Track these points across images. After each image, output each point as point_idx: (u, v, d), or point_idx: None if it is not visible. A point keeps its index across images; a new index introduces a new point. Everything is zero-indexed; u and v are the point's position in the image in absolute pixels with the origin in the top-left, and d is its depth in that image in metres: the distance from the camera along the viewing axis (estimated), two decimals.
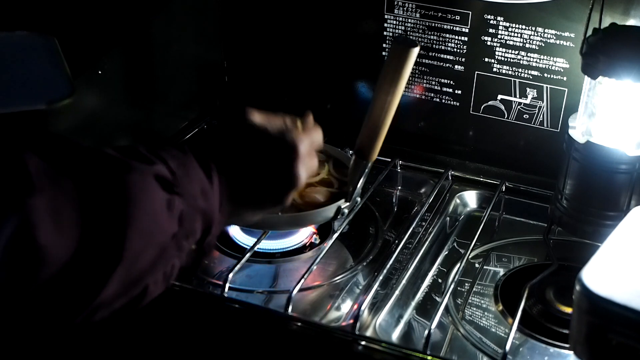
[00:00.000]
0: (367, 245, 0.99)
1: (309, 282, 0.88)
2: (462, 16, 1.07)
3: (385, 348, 0.80)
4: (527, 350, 0.84)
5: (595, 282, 0.65)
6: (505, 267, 0.97)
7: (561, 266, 0.91)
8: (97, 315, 0.56)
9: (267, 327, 0.84)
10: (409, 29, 1.11)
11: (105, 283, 0.54)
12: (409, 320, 0.88)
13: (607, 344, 0.64)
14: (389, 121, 0.86)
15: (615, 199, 0.87)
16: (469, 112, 1.12)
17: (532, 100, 1.08)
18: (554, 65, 1.04)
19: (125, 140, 1.07)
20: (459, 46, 1.09)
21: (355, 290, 0.91)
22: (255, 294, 0.89)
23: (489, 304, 0.91)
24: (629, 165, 0.85)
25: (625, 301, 0.63)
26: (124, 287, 0.56)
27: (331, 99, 1.22)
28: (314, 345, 0.83)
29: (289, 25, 1.19)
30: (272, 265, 0.95)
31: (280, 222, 0.90)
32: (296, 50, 1.20)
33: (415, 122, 1.17)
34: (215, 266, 0.95)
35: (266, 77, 1.24)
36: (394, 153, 1.11)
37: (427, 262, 0.97)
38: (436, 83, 1.13)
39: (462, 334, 0.86)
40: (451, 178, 1.11)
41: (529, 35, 1.04)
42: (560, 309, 0.87)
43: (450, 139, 1.16)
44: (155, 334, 0.86)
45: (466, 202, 1.09)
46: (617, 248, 0.70)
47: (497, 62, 1.07)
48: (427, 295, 0.92)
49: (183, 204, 0.60)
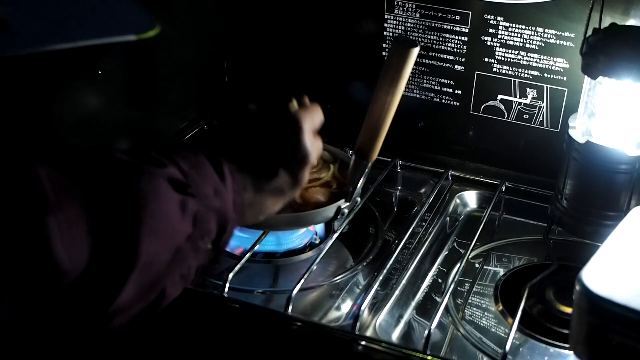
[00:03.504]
0: (367, 245, 0.99)
1: (309, 282, 0.88)
2: (462, 16, 1.07)
3: (385, 348, 0.80)
4: (527, 350, 0.84)
5: (595, 282, 0.65)
6: (505, 267, 0.97)
7: (561, 266, 0.91)
8: (115, 321, 0.56)
9: (267, 327, 0.84)
10: (409, 29, 1.11)
11: (121, 288, 0.54)
12: (409, 320, 0.88)
13: (607, 344, 0.64)
14: (389, 121, 0.86)
15: (615, 199, 0.87)
16: (469, 112, 1.12)
17: (532, 100, 1.08)
18: (554, 65, 1.04)
19: (125, 140, 1.07)
20: (459, 46, 1.09)
21: (355, 290, 0.91)
22: (255, 294, 0.89)
23: (489, 304, 0.91)
24: (629, 165, 0.85)
25: (625, 301, 0.63)
26: (141, 291, 0.56)
27: (331, 99, 1.21)
28: (314, 345, 0.83)
29: (288, 25, 1.19)
30: (272, 265, 0.95)
31: (280, 222, 0.90)
32: (296, 50, 1.20)
33: (415, 122, 1.17)
34: (215, 266, 0.95)
35: (266, 77, 1.24)
36: (394, 153, 1.11)
37: (427, 262, 0.97)
38: (436, 83, 1.13)
39: (462, 334, 0.86)
40: (451, 178, 1.11)
41: (529, 35, 1.04)
42: (560, 309, 0.87)
43: (450, 139, 1.16)
44: (155, 334, 0.86)
45: (466, 202, 1.09)
46: (617, 248, 0.70)
47: (497, 62, 1.07)
48: (427, 295, 0.92)
49: (197, 205, 0.60)
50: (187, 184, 0.60)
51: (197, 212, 0.60)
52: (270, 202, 0.72)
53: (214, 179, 0.63)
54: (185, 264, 0.60)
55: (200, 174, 0.62)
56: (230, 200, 0.64)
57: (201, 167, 0.62)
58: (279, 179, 0.71)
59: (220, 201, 0.62)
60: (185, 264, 0.60)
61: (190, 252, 0.60)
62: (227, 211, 0.63)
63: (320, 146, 0.77)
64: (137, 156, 0.59)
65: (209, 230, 0.62)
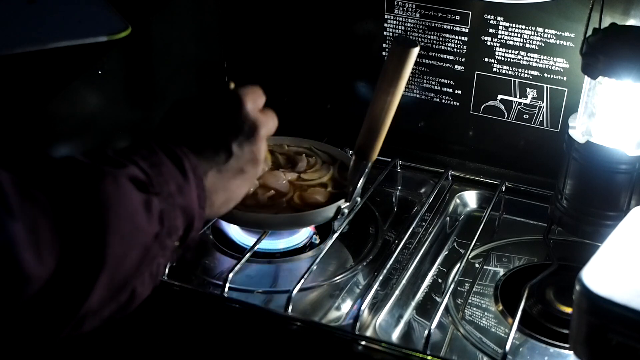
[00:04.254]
0: (367, 245, 0.99)
1: (309, 282, 0.88)
2: (462, 16, 1.07)
3: (385, 348, 0.80)
4: (527, 350, 0.84)
5: (595, 282, 0.65)
6: (505, 267, 0.97)
7: (561, 266, 0.91)
8: (85, 325, 0.56)
9: (267, 327, 0.84)
10: (409, 29, 1.11)
11: (90, 292, 0.54)
12: (409, 320, 0.88)
13: (607, 344, 0.64)
14: (389, 121, 0.86)
15: (615, 199, 0.87)
16: (469, 112, 1.12)
17: (532, 100, 1.08)
18: (554, 65, 1.04)
19: (126, 141, 1.07)
20: (459, 46, 1.09)
21: (355, 290, 0.91)
22: (255, 294, 0.89)
23: (489, 304, 0.91)
24: (629, 165, 0.85)
25: (625, 301, 0.63)
26: (111, 293, 0.56)
27: (331, 99, 1.22)
28: (314, 345, 0.83)
29: (288, 25, 1.19)
30: (272, 265, 0.95)
31: (280, 222, 0.90)
32: (296, 50, 1.20)
33: (415, 122, 1.17)
34: (215, 266, 0.95)
35: (266, 77, 1.24)
36: (394, 153, 1.11)
37: (427, 262, 0.97)
38: (436, 83, 1.13)
39: (462, 334, 0.86)
40: (451, 178, 1.11)
41: (529, 35, 1.04)
42: (560, 309, 0.87)
43: (450, 139, 1.16)
44: (155, 334, 0.86)
45: (466, 202, 1.09)
46: (617, 248, 0.70)
47: (497, 62, 1.07)
48: (427, 295, 0.92)
49: (161, 203, 0.59)
50: (148, 183, 0.59)
51: (162, 210, 0.59)
52: (236, 185, 0.71)
53: (176, 176, 0.62)
54: (154, 262, 0.60)
55: (161, 172, 0.61)
56: (195, 195, 0.63)
57: (161, 165, 0.62)
58: (235, 156, 0.70)
59: (184, 198, 0.62)
60: (154, 263, 0.60)
61: (158, 251, 0.60)
62: (192, 207, 0.63)
63: (274, 121, 0.75)
64: (97, 158, 0.59)
65: (176, 228, 0.61)
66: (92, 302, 0.54)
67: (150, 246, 0.58)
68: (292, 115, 1.11)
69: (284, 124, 0.78)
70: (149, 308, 0.64)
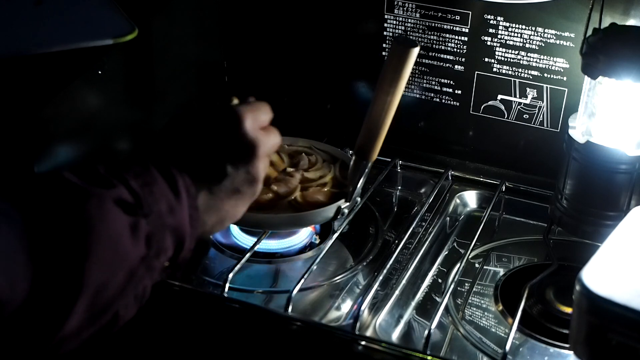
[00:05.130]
0: (367, 245, 0.99)
1: (309, 282, 0.88)
2: (462, 16, 1.07)
3: (385, 348, 0.80)
4: (527, 350, 0.84)
5: (595, 282, 0.65)
6: (505, 267, 0.97)
7: (561, 266, 0.91)
8: (64, 347, 0.55)
9: (267, 327, 0.84)
10: (409, 29, 1.11)
11: (67, 317, 0.52)
12: (409, 320, 0.88)
13: (607, 344, 0.64)
14: (389, 121, 0.86)
15: (615, 199, 0.87)
16: (469, 112, 1.12)
17: (532, 100, 1.08)
18: (554, 65, 1.04)
19: (126, 140, 1.07)
20: (459, 46, 1.09)
21: (355, 290, 0.91)
22: (255, 294, 0.89)
23: (489, 304, 0.91)
24: (629, 165, 0.85)
25: (625, 301, 0.63)
26: (91, 317, 0.55)
27: (331, 99, 1.22)
28: (314, 345, 0.83)
29: (289, 25, 1.19)
30: (272, 265, 0.95)
31: (280, 222, 0.90)
32: (296, 50, 1.20)
33: (415, 122, 1.17)
34: (215, 266, 0.95)
35: (266, 77, 1.24)
36: (394, 153, 1.11)
37: (427, 262, 0.97)
38: (436, 83, 1.13)
39: (462, 334, 0.86)
40: (451, 178, 1.11)
41: (529, 35, 1.04)
42: (560, 309, 0.87)
43: (450, 139, 1.16)
44: (155, 334, 0.86)
45: (466, 202, 1.09)
46: (617, 248, 0.70)
47: (497, 62, 1.07)
48: (427, 295, 0.92)
49: (149, 225, 0.58)
50: (138, 204, 0.57)
51: (150, 232, 0.58)
52: (230, 205, 0.68)
53: (167, 196, 0.60)
54: (140, 285, 0.58)
55: (152, 192, 0.59)
56: (186, 215, 0.61)
57: (153, 184, 0.60)
58: (230, 177, 0.67)
59: (175, 217, 0.60)
60: (139, 285, 0.58)
61: (144, 273, 0.58)
62: (183, 227, 0.61)
63: (276, 139, 0.72)
64: (86, 176, 0.57)
65: (164, 249, 0.60)
66: (70, 326, 0.53)
67: (136, 269, 0.57)
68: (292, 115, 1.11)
69: (284, 124, 0.78)
70: (149, 308, 0.63)
